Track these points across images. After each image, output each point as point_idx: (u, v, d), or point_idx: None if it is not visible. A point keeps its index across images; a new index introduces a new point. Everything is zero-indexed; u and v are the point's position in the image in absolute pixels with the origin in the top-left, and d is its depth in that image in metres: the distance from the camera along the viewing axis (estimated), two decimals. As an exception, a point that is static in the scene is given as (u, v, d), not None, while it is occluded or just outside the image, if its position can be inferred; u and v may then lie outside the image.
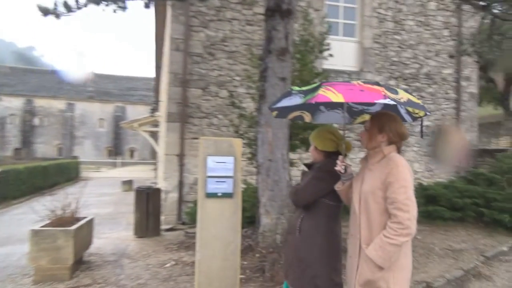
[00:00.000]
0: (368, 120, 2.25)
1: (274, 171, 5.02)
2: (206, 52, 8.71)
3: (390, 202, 2.00)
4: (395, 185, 1.99)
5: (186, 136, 8.46)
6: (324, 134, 2.58)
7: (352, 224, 2.25)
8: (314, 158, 2.64)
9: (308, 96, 2.10)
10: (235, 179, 3.26)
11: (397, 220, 1.95)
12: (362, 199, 2.14)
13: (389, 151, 2.14)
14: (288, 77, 5.08)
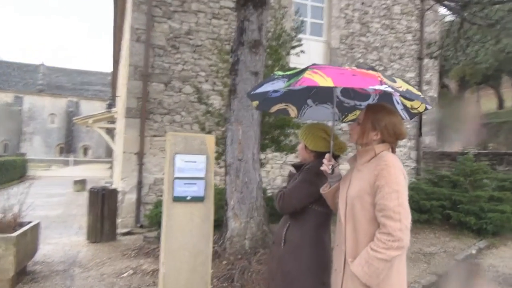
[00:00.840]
0: (362, 112, 1.95)
1: (244, 171, 4.69)
2: (169, 45, 8.23)
3: (379, 209, 1.70)
4: (385, 189, 1.69)
5: (146, 133, 7.93)
6: (316, 131, 2.28)
7: (337, 233, 1.95)
8: (303, 158, 2.34)
9: (292, 80, 1.78)
10: (207, 180, 2.89)
11: (387, 231, 1.65)
12: (348, 205, 1.85)
13: (381, 150, 1.85)
14: (261, 72, 4.78)
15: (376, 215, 1.73)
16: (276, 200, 2.22)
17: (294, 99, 2.40)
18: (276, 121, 5.43)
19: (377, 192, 1.73)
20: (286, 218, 2.28)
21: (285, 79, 1.87)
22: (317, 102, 2.46)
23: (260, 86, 2.05)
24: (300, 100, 2.43)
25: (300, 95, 2.37)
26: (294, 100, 2.41)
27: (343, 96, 2.39)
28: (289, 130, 5.77)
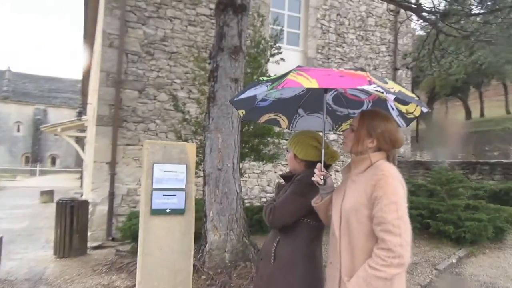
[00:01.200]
0: (356, 118, 1.83)
1: (223, 182, 4.52)
2: (144, 51, 7.98)
3: (377, 223, 1.57)
4: (384, 201, 1.57)
5: (119, 142, 7.62)
6: (306, 140, 2.15)
7: (331, 249, 1.81)
8: (292, 168, 2.20)
9: (275, 83, 1.68)
10: (188, 192, 2.71)
11: (386, 246, 1.52)
12: (343, 219, 1.72)
13: (378, 159, 1.74)
14: (241, 79, 4.65)
15: (374, 229, 1.60)
16: (265, 214, 2.07)
17: (283, 109, 2.27)
18: (257, 129, 5.31)
19: (374, 204, 1.61)
20: (275, 232, 2.13)
21: (269, 83, 1.75)
22: (309, 112, 2.34)
23: (243, 92, 1.91)
24: (290, 109, 2.30)
25: (290, 104, 2.25)
26: (284, 109, 2.28)
27: (336, 105, 2.28)
28: (269, 139, 5.65)
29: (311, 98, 2.21)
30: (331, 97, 2.24)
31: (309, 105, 2.28)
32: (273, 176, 9.37)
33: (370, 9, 10.94)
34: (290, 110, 2.30)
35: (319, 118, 2.37)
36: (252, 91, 1.83)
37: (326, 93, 1.99)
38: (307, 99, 2.23)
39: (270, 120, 2.36)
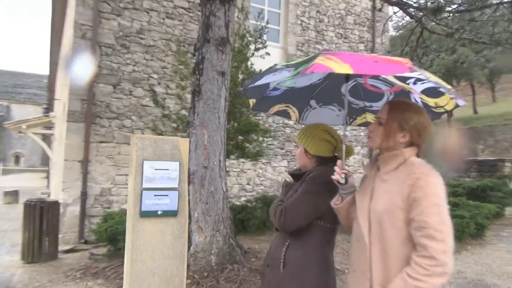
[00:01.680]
0: (383, 110, 1.64)
1: (209, 180, 4.29)
2: (118, 44, 7.59)
3: (417, 227, 1.41)
4: (424, 202, 1.41)
5: (92, 139, 7.20)
6: (319, 133, 1.96)
7: (355, 256, 1.63)
8: (302, 165, 2.01)
9: (300, 67, 1.47)
10: (181, 191, 2.47)
11: (428, 254, 1.37)
12: (373, 222, 1.54)
13: (410, 155, 1.58)
14: (228, 72, 4.43)
15: (413, 234, 1.43)
16: (275, 216, 1.85)
17: (295, 99, 2.08)
18: (242, 126, 5.09)
19: (412, 206, 1.43)
20: (283, 235, 1.92)
21: (291, 68, 1.54)
22: (322, 103, 2.16)
23: (260, 78, 1.70)
24: (302, 100, 2.11)
25: (303, 94, 2.06)
26: (295, 100, 2.09)
27: (352, 96, 2.11)
28: (255, 136, 5.46)
29: (327, 88, 2.02)
30: (348, 87, 2.06)
31: (323, 96, 2.09)
32: (253, 174, 9.19)
33: (349, 7, 10.94)
34: (302, 101, 2.11)
35: (332, 111, 2.19)
36: (270, 77, 1.63)
37: (348, 81, 1.81)
38: (321, 90, 2.05)
39: (280, 112, 2.16)
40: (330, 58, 1.39)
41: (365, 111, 2.18)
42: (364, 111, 2.18)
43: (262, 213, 6.44)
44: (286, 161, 9.70)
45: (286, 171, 9.64)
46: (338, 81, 1.94)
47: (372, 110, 2.15)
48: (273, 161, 9.43)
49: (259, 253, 4.85)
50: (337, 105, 2.14)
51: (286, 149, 9.69)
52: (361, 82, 2.00)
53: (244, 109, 5.28)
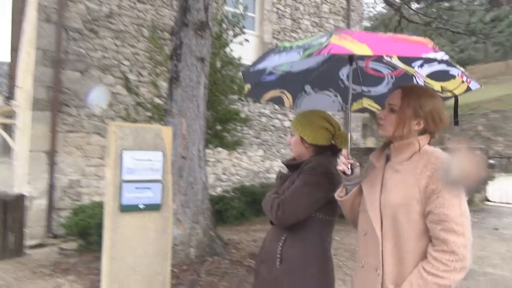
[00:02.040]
0: (395, 96, 1.53)
1: (188, 171, 4.12)
2: (86, 28, 7.18)
3: (437, 221, 1.34)
4: (445, 194, 1.33)
5: (59, 128, 6.82)
6: (316, 120, 1.84)
7: (363, 251, 1.55)
8: (298, 154, 1.89)
9: (311, 49, 1.34)
10: (165, 184, 2.31)
11: (449, 249, 1.30)
12: (385, 216, 1.45)
13: (424, 143, 1.50)
14: (207, 58, 4.25)
15: (430, 227, 1.36)
16: (271, 210, 1.73)
17: (290, 85, 1.95)
18: (221, 114, 4.93)
19: (430, 198, 1.36)
20: (278, 229, 1.81)
21: (299, 49, 1.40)
22: (317, 89, 2.04)
23: (262, 61, 1.55)
24: (297, 86, 1.99)
25: (298, 79, 1.94)
26: (290, 85, 1.96)
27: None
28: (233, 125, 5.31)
29: (324, 73, 1.91)
30: (347, 71, 1.95)
31: (319, 80, 1.98)
32: (228, 164, 9.05)
33: (324, -5, 10.88)
34: (297, 86, 1.99)
35: (328, 97, 2.08)
36: (274, 59, 1.48)
37: (352, 64, 1.70)
38: (319, 74, 1.93)
39: (274, 98, 2.03)
40: (345, 37, 1.27)
41: (362, 96, 2.09)
42: (361, 96, 2.09)
43: (240, 204, 6.34)
44: (262, 150, 9.62)
45: (262, 160, 9.56)
46: (337, 65, 1.83)
47: (369, 96, 2.06)
48: (249, 150, 9.31)
49: (239, 244, 4.75)
50: (333, 90, 2.03)
51: (262, 139, 9.59)
52: (362, 65, 1.90)
53: (223, 97, 5.11)
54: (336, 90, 2.04)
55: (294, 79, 1.91)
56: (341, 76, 1.97)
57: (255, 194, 6.50)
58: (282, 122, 9.97)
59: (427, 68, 1.65)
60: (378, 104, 2.10)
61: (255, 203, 6.56)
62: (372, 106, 2.15)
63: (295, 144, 1.88)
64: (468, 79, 1.58)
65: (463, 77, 1.57)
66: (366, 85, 2.02)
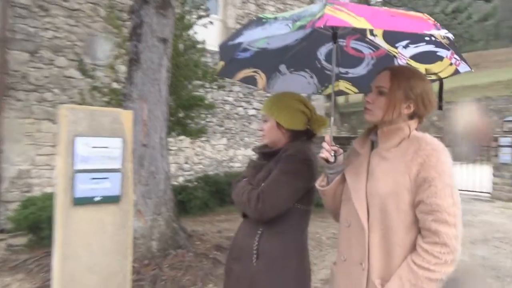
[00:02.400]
0: (383, 78, 1.41)
1: (150, 160, 3.88)
2: (35, 5, 6.60)
3: (428, 211, 1.25)
4: (437, 183, 1.25)
5: (6, 114, 6.27)
6: (292, 103, 1.69)
7: (345, 243, 1.45)
8: (272, 141, 1.73)
9: (302, 20, 1.19)
10: (125, 173, 2.08)
11: (441, 240, 1.22)
12: (373, 206, 1.35)
13: (414, 128, 1.40)
14: (170, 39, 3.98)
15: (421, 218, 1.27)
16: (248, 203, 1.57)
17: (265, 63, 1.79)
18: (184, 100, 4.67)
19: (422, 187, 1.27)
20: (252, 223, 1.66)
21: (287, 21, 1.24)
22: (293, 69, 1.89)
23: (241, 33, 1.36)
24: (272, 65, 1.82)
25: (274, 58, 1.78)
26: (265, 64, 1.80)
27: (326, 61, 1.87)
28: (197, 112, 5.08)
29: (301, 51, 1.76)
30: (326, 50, 1.81)
31: (295, 60, 1.83)
32: (191, 153, 8.80)
33: (288, -19, 10.73)
34: (272, 65, 1.83)
35: (303, 78, 1.93)
36: (257, 32, 1.30)
37: (336, 43, 1.56)
38: (296, 52, 1.78)
39: (247, 78, 1.86)
40: (340, 9, 1.12)
41: (338, 78, 1.97)
42: (338, 78, 1.96)
43: (203, 193, 6.14)
44: (226, 139, 9.43)
45: (226, 149, 9.38)
46: (315, 43, 1.70)
47: (347, 77, 1.94)
48: (212, 139, 9.08)
49: (203, 236, 4.58)
50: (309, 71, 1.89)
51: (225, 127, 9.39)
52: (343, 44, 1.77)
53: (186, 82, 4.86)
54: (313, 70, 1.91)
55: (270, 57, 1.75)
56: (319, 56, 1.84)
57: (219, 184, 6.33)
58: (246, 110, 9.82)
59: (413, 49, 1.56)
60: (355, 87, 2.00)
61: (220, 192, 6.40)
62: (349, 89, 2.04)
63: (270, 130, 1.72)
64: (458, 61, 1.49)
65: (452, 59, 1.49)
66: (344, 66, 1.90)
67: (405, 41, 1.56)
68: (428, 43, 1.47)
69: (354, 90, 2.02)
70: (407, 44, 1.57)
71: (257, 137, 10.06)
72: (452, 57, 1.49)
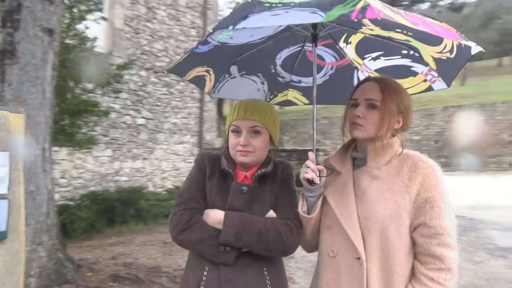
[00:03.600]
0: (371, 89, 1.27)
1: (29, 176, 3.12)
2: None
3: (432, 234, 1.16)
4: (440, 203, 1.17)
5: None
6: (274, 113, 1.42)
7: (332, 276, 1.25)
8: (259, 159, 1.40)
9: (337, 9, 0.94)
10: (13, 200, 1.52)
11: (446, 266, 1.14)
12: (369, 232, 1.20)
13: (398, 145, 1.30)
14: (58, 31, 3.32)
15: (422, 243, 1.17)
16: (283, 238, 1.28)
17: (218, 62, 1.49)
18: (71, 105, 3.93)
19: (423, 208, 1.17)
20: (247, 262, 1.31)
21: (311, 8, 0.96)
22: (244, 72, 1.62)
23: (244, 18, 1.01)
24: (224, 64, 1.52)
25: (228, 56, 1.49)
26: (218, 62, 1.50)
27: (282, 67, 1.64)
28: (87, 119, 4.36)
29: (261, 52, 1.52)
30: (287, 54, 1.59)
31: (250, 61, 1.57)
32: (69, 166, 7.68)
33: (182, -12, 10.39)
34: (224, 65, 1.53)
35: (254, 83, 1.68)
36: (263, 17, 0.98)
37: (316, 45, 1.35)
38: (253, 53, 1.51)
39: (197, 78, 1.51)
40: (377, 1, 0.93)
41: (288, 87, 1.77)
42: (288, 86, 1.77)
43: (89, 213, 5.32)
44: (111, 150, 8.52)
45: (111, 161, 8.46)
46: (282, 44, 1.49)
47: (298, 87, 1.76)
48: (95, 150, 8.07)
49: (95, 265, 3.89)
50: (262, 76, 1.66)
51: (111, 137, 8.49)
52: (308, 48, 1.58)
53: (72, 83, 4.13)
54: (265, 76, 1.68)
55: (224, 56, 1.45)
56: (277, 60, 1.61)
57: (109, 201, 5.56)
58: (135, 119, 9.06)
59: (383, 61, 1.47)
60: (305, 97, 1.83)
61: (109, 211, 5.63)
62: (298, 99, 1.86)
63: (263, 146, 1.38)
64: (434, 78, 1.45)
65: (427, 76, 1.43)
66: (298, 74, 1.72)
67: (377, 53, 1.47)
68: (405, 57, 1.42)
69: (304, 100, 1.85)
70: (378, 56, 1.49)
71: (147, 148, 9.36)
72: (428, 73, 1.45)
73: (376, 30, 1.39)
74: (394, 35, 1.37)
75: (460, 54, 1.32)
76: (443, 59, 1.38)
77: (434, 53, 1.37)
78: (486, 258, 4.98)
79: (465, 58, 1.34)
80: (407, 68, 1.47)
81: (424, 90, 1.59)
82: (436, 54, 1.38)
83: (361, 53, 1.53)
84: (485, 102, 20.24)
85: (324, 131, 21.16)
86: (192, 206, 1.33)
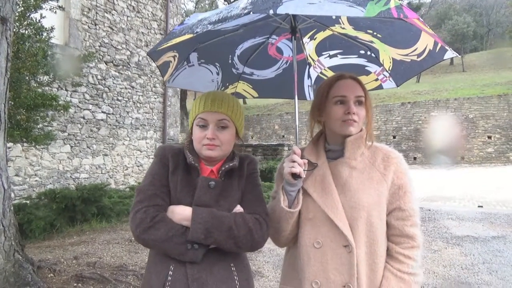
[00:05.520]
0: (355, 86, 1.33)
1: (-18, 174, 2.93)
2: None
3: (405, 217, 1.29)
4: (410, 189, 1.31)
5: None
6: (240, 106, 1.39)
7: (319, 266, 1.27)
8: (225, 153, 1.36)
9: (380, 4, 0.96)
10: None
11: (416, 243, 1.29)
12: (355, 220, 1.26)
13: (365, 137, 1.39)
14: (11, 19, 3.12)
15: (397, 225, 1.29)
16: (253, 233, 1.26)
17: (184, 46, 1.43)
18: (27, 98, 3.69)
19: (397, 194, 1.29)
20: (213, 258, 1.28)
21: (349, 2, 0.97)
22: (203, 60, 1.59)
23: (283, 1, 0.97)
24: (186, 50, 1.48)
25: (193, 41, 1.43)
26: (184, 47, 1.44)
27: (239, 59, 1.63)
28: (44, 114, 4.13)
29: (226, 40, 1.49)
30: (249, 45, 1.58)
31: (212, 49, 1.53)
32: (24, 163, 7.30)
33: (142, -22, 10.09)
34: (186, 51, 1.49)
35: (209, 73, 1.65)
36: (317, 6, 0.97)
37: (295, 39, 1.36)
38: (218, 41, 1.48)
39: (164, 64, 1.46)
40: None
41: (239, 79, 1.76)
42: (239, 78, 1.76)
43: (48, 212, 5.07)
44: (69, 146, 8.17)
45: (69, 158, 8.11)
46: (250, 33, 1.49)
47: (249, 79, 1.76)
48: (52, 146, 7.73)
49: (56, 266, 3.71)
50: (219, 66, 1.65)
51: (69, 132, 8.14)
52: (272, 41, 1.58)
53: (28, 76, 3.89)
54: (222, 66, 1.66)
55: (191, 41, 1.40)
56: (237, 50, 1.59)
57: (69, 199, 5.31)
58: (94, 113, 8.74)
59: (339, 59, 1.54)
60: (255, 91, 1.84)
61: (70, 210, 5.39)
62: (247, 92, 1.85)
63: (229, 141, 1.34)
64: (385, 78, 1.54)
65: (380, 75, 1.52)
66: (251, 66, 1.72)
67: (335, 51, 1.52)
68: (361, 56, 1.49)
69: (254, 94, 1.85)
70: (336, 54, 1.54)
71: (108, 144, 9.06)
72: (381, 73, 1.53)
73: (348, 29, 1.41)
74: (362, 35, 1.40)
75: (429, 57, 1.37)
76: (405, 61, 1.43)
77: (396, 54, 1.43)
78: (443, 246, 5.26)
79: (434, 61, 1.39)
80: (362, 67, 1.54)
81: (374, 88, 1.66)
82: (398, 56, 1.43)
83: (320, 50, 1.58)
84: (439, 99, 21.34)
85: (288, 126, 21.43)
86: (156, 202, 1.26)
